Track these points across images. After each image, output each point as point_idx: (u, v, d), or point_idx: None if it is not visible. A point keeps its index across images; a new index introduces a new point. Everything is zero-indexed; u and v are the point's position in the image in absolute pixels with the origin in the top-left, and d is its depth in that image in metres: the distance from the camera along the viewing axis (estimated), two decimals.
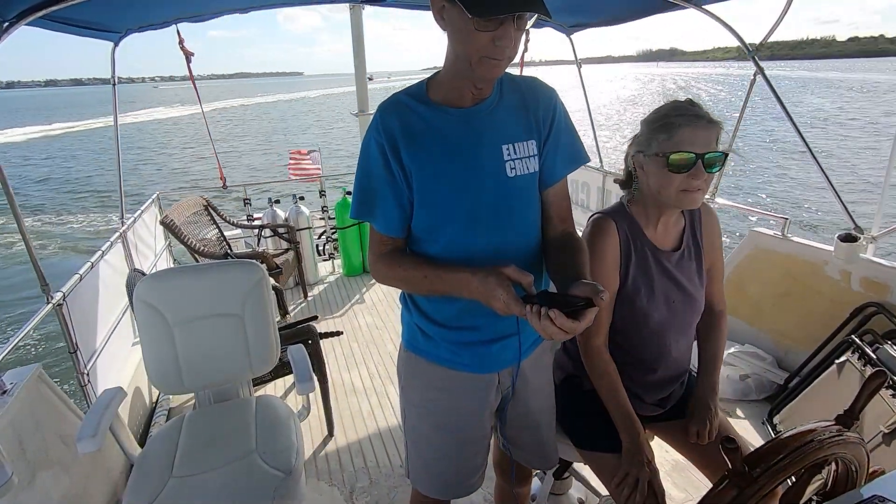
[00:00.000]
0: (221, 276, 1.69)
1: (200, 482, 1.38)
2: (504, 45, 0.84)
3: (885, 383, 1.57)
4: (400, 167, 0.97)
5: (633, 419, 1.19)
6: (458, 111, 0.97)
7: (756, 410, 2.27)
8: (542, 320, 0.77)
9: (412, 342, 1.15)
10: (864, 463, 0.75)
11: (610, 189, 3.88)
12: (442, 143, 0.96)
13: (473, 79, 0.93)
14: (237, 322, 1.68)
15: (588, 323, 0.78)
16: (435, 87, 0.99)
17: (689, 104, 1.11)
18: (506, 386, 1.15)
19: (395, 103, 0.99)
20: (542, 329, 0.78)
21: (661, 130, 1.09)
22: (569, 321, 0.76)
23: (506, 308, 0.83)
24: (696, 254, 1.27)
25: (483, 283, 0.86)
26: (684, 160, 1.07)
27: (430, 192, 0.97)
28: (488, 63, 0.87)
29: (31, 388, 1.60)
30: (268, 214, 4.06)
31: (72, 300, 2.03)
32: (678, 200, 1.12)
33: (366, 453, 2.22)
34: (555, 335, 0.77)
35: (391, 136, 0.96)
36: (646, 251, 1.22)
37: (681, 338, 1.29)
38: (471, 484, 1.21)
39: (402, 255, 1.04)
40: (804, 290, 2.40)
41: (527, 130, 1.00)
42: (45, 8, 1.75)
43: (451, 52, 0.92)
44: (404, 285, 1.05)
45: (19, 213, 1.85)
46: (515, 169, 0.98)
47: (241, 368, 1.71)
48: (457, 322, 1.06)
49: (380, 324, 3.45)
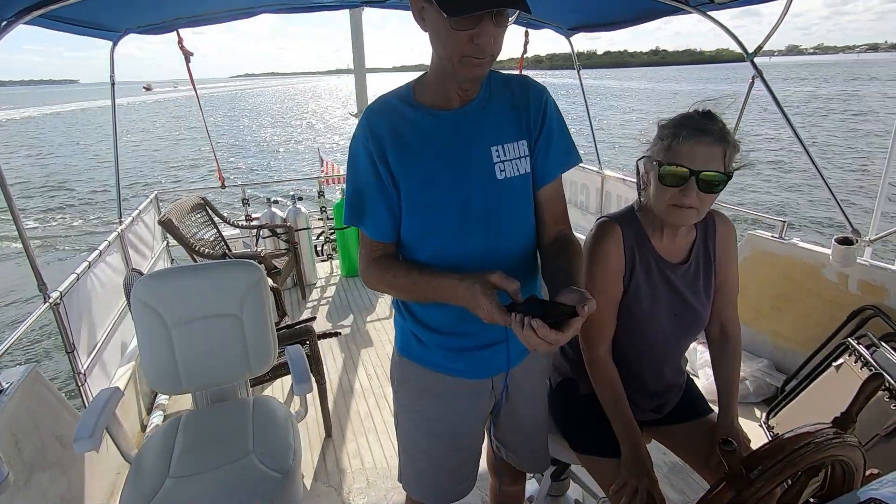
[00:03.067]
0: (220, 276, 1.69)
1: (197, 483, 1.38)
2: (483, 43, 0.83)
3: (882, 386, 1.57)
4: (388, 172, 0.95)
5: (633, 429, 1.18)
6: (446, 113, 0.96)
7: (753, 413, 2.27)
8: (525, 330, 0.74)
9: (406, 347, 1.14)
10: (861, 465, 0.75)
11: (609, 191, 3.88)
12: (430, 146, 0.95)
13: (458, 80, 0.92)
14: (235, 322, 1.68)
15: (573, 333, 0.75)
16: (421, 90, 0.98)
17: (701, 116, 1.05)
18: (499, 391, 1.14)
19: (382, 106, 0.98)
20: (525, 339, 0.75)
21: (664, 139, 1.06)
22: (552, 332, 0.73)
23: (489, 317, 0.81)
24: (705, 268, 1.21)
25: (469, 290, 0.84)
26: (676, 174, 1.03)
27: (418, 196, 0.96)
28: (470, 63, 0.86)
29: (27, 388, 1.60)
30: (266, 215, 4.06)
31: (69, 300, 2.03)
32: (668, 214, 1.08)
33: (363, 455, 2.22)
34: (538, 346, 0.74)
35: (379, 140, 0.95)
36: (650, 261, 1.17)
37: (679, 350, 1.28)
38: (463, 489, 1.21)
39: (392, 262, 1.02)
40: (802, 293, 2.40)
41: (517, 131, 0.99)
42: (44, 7, 1.74)
43: (434, 53, 0.91)
44: (395, 292, 1.03)
45: (17, 212, 1.85)
46: (505, 171, 0.97)
47: (238, 369, 1.71)
48: (450, 328, 1.05)
49: (378, 325, 3.45)
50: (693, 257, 1.20)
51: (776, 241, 2.51)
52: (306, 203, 4.27)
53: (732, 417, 1.24)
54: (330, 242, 4.74)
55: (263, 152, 22.06)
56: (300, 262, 3.89)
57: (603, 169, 3.87)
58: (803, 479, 0.74)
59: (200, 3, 2.58)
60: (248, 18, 2.78)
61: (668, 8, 2.49)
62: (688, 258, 1.20)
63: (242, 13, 2.75)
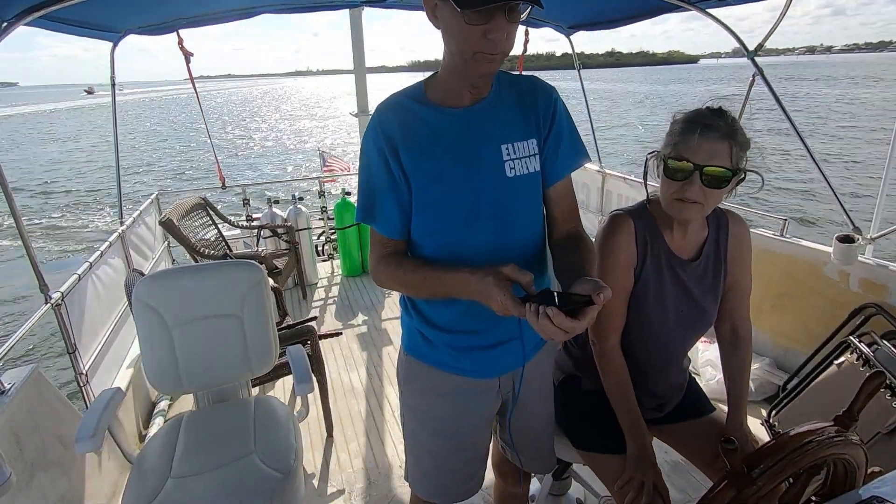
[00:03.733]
0: (221, 276, 1.69)
1: (199, 483, 1.38)
2: (496, 38, 0.83)
3: (884, 384, 1.57)
4: (400, 168, 0.96)
5: (640, 424, 1.18)
6: (457, 111, 0.96)
7: (755, 411, 2.27)
8: (541, 320, 0.74)
9: (412, 346, 1.14)
10: (863, 464, 0.75)
11: (610, 190, 3.88)
12: (440, 144, 0.95)
13: (469, 77, 0.92)
14: (236, 323, 1.68)
15: (589, 322, 0.74)
16: (432, 88, 0.99)
17: (711, 112, 1.06)
18: (506, 391, 1.14)
19: (393, 104, 0.98)
20: (541, 329, 0.75)
21: (673, 132, 1.07)
22: (568, 320, 0.73)
23: (503, 309, 0.80)
24: (715, 267, 1.21)
25: (481, 282, 0.83)
26: (680, 168, 1.04)
27: (429, 193, 0.97)
28: (482, 59, 0.86)
29: (29, 389, 1.60)
30: (267, 215, 4.06)
31: (70, 300, 2.03)
32: (672, 208, 1.10)
33: (364, 454, 2.22)
34: (554, 335, 0.74)
35: (389, 137, 0.95)
36: (661, 256, 1.18)
37: (684, 347, 1.27)
38: (469, 488, 1.21)
39: (402, 259, 1.02)
40: (803, 291, 2.40)
41: (526, 129, 0.99)
42: (44, 8, 1.75)
43: (447, 51, 0.91)
44: (405, 289, 1.03)
45: (18, 212, 1.85)
46: (515, 169, 0.97)
47: (239, 369, 1.71)
48: (457, 326, 1.05)
49: (379, 325, 3.45)
50: (704, 255, 1.20)
51: (777, 240, 2.51)
52: (307, 203, 4.27)
53: (742, 419, 1.24)
54: (331, 242, 4.74)
55: (240, 155, 21.49)
56: (301, 262, 3.90)
57: (604, 168, 3.87)
58: (805, 478, 0.74)
59: (200, 4, 2.58)
60: (248, 18, 2.78)
61: (668, 5, 2.49)
62: (698, 255, 1.20)
63: (242, 13, 2.75)
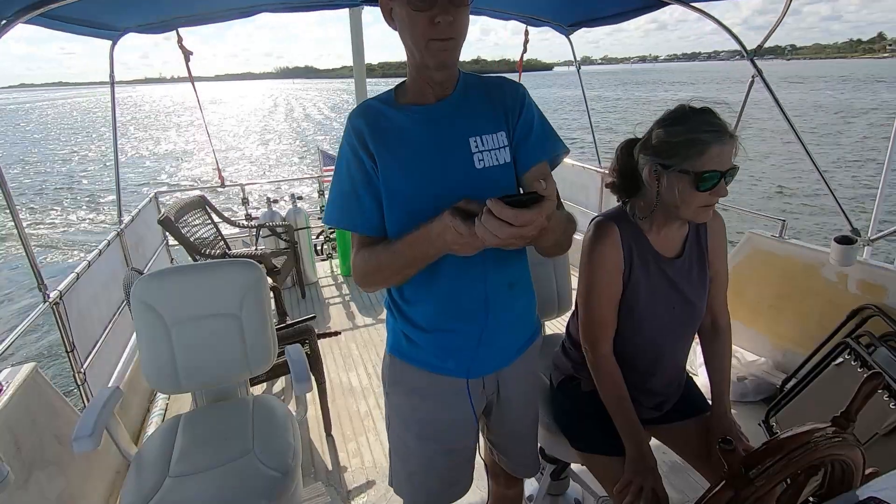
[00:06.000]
0: (219, 275, 1.69)
1: (197, 482, 1.38)
2: (443, 20, 0.86)
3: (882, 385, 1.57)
4: (373, 164, 0.98)
5: (637, 428, 1.18)
6: (422, 108, 0.99)
7: (753, 412, 2.27)
8: (485, 219, 0.70)
9: (397, 347, 1.13)
10: (861, 465, 0.75)
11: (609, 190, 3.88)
12: (407, 140, 0.97)
13: (429, 71, 0.94)
14: (235, 322, 1.68)
15: (538, 213, 0.70)
16: (402, 92, 1.03)
17: (711, 116, 1.06)
18: (490, 391, 1.14)
19: (364, 108, 1.02)
20: (492, 233, 0.70)
21: (691, 146, 1.04)
22: (511, 210, 0.68)
23: (459, 236, 0.78)
24: (699, 261, 1.23)
25: (438, 223, 0.82)
26: (713, 180, 1.04)
27: (400, 188, 0.97)
28: (435, 46, 0.89)
29: (27, 387, 1.60)
30: (266, 214, 4.06)
31: (69, 299, 2.03)
32: (695, 215, 1.10)
33: (363, 453, 2.22)
34: (508, 235, 0.70)
35: (360, 136, 0.98)
36: (647, 257, 1.19)
37: (679, 344, 1.28)
38: (456, 491, 1.20)
39: (373, 247, 1.00)
40: (801, 293, 2.40)
41: (495, 122, 1.00)
42: (43, 6, 1.74)
43: (407, 51, 0.95)
44: (381, 275, 1.00)
45: (17, 211, 1.85)
46: (484, 161, 0.98)
47: (238, 368, 1.71)
48: (437, 325, 1.04)
49: (378, 324, 3.45)
50: (687, 251, 1.22)
51: (775, 241, 2.51)
52: (306, 202, 4.27)
53: (726, 408, 1.27)
54: (329, 242, 4.74)
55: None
56: (300, 262, 3.90)
57: (603, 168, 3.87)
58: (803, 479, 0.74)
59: (200, 3, 2.58)
60: (247, 17, 2.78)
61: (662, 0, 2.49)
62: (682, 252, 1.22)
63: (242, 12, 2.75)
